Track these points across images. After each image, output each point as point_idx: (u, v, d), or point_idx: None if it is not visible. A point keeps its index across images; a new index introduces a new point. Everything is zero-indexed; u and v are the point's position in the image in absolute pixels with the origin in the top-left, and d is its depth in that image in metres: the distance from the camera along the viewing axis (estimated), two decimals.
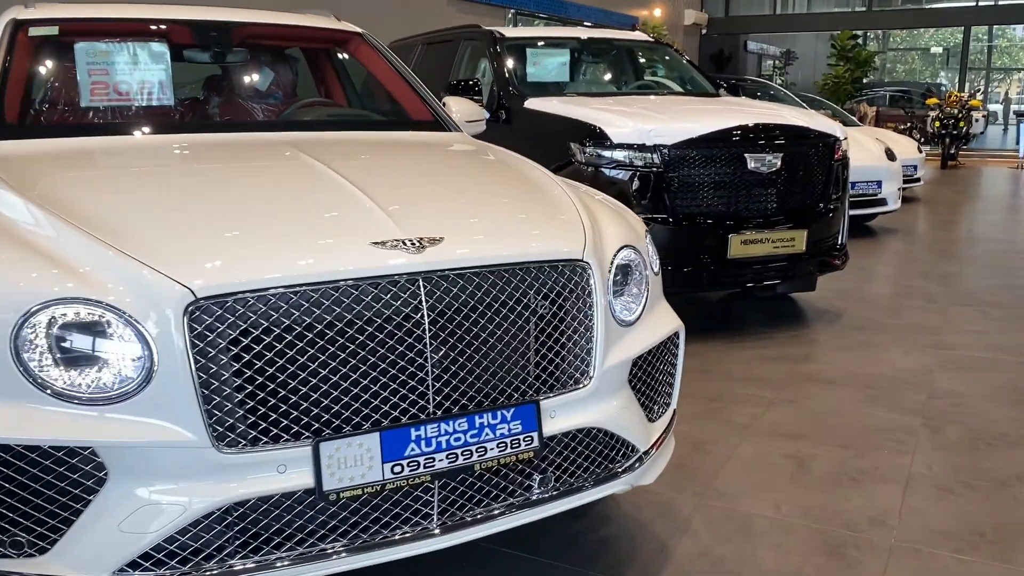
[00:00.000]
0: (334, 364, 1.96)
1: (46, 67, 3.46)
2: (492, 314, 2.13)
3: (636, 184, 4.93)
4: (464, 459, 2.05)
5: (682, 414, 4.03)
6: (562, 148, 5.17)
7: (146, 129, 3.09)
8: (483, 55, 6.59)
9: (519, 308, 2.17)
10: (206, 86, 4.03)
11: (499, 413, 2.11)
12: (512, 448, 2.12)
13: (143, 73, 3.43)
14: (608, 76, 7.40)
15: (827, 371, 4.69)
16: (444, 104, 3.89)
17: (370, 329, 1.98)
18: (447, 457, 2.03)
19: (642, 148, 4.93)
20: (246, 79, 4.09)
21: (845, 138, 5.52)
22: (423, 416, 2.04)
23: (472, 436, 2.07)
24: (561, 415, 2.25)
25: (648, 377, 2.59)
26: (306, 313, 1.92)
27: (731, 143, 5.00)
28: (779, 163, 5.10)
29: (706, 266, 5.04)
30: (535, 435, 2.15)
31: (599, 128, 5.02)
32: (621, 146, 4.97)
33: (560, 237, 2.30)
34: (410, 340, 2.02)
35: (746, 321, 5.73)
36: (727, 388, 4.40)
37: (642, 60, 7.50)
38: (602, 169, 4.99)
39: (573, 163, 5.07)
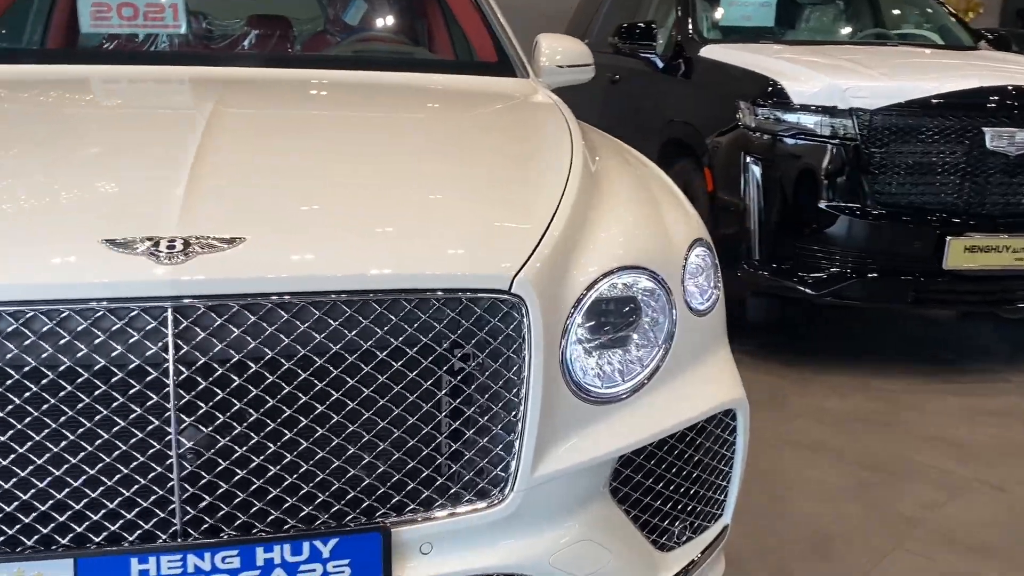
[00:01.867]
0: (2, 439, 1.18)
1: None
2: (312, 374, 1.25)
3: (823, 161, 3.71)
4: None
5: (824, 484, 2.88)
6: (733, 108, 4.02)
7: (105, 59, 2.48)
8: None
9: (367, 366, 1.27)
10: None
11: (306, 544, 1.24)
12: None
13: None
14: (838, 23, 5.98)
15: None
16: (535, 44, 2.95)
17: (69, 387, 1.18)
18: None
19: (833, 112, 3.69)
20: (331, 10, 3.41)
21: None
22: (163, 539, 1.22)
23: None
24: (443, 551, 1.33)
25: (663, 481, 1.59)
26: None
27: (963, 111, 3.62)
28: None
29: (912, 277, 3.73)
30: None
31: (777, 83, 3.82)
32: (805, 108, 3.75)
33: (474, 251, 1.36)
34: (142, 411, 1.20)
35: (968, 352, 4.29)
36: (904, 452, 3.15)
37: (887, 5, 5.98)
38: (780, 138, 3.81)
39: (739, 128, 3.92)
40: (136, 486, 1.21)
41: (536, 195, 1.55)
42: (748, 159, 3.87)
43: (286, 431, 1.25)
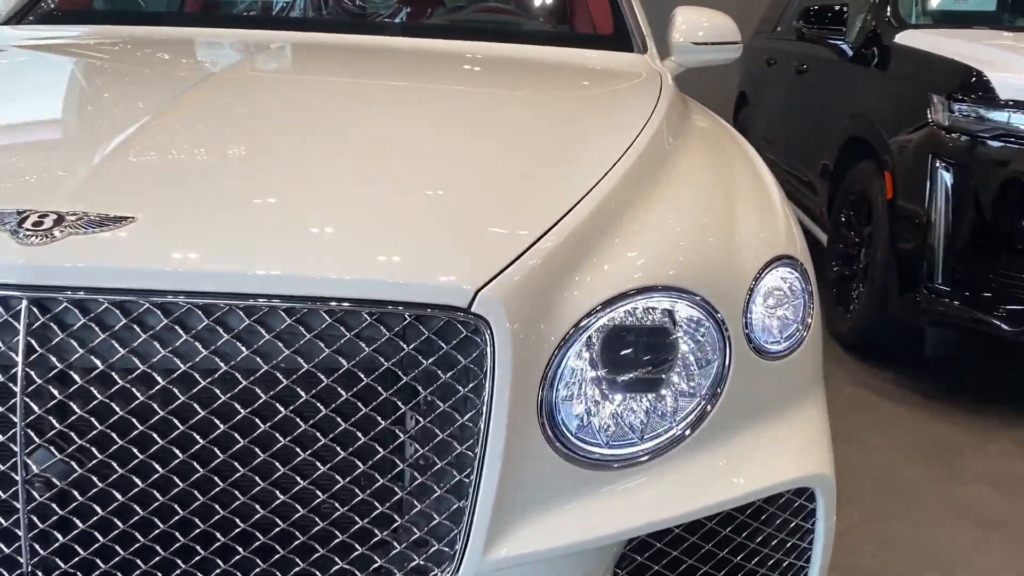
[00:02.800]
0: None
1: None
2: (193, 397, 0.98)
3: None
4: None
5: (999, 573, 2.30)
6: (924, 103, 3.40)
7: (197, 22, 2.34)
8: None
9: (266, 393, 0.98)
10: None
11: None
12: None
13: None
14: None
15: None
16: (672, 17, 2.56)
17: None
18: None
19: None
20: None
21: None
22: None
23: None
24: None
25: (698, 575, 1.19)
26: None
27: None
28: None
29: None
30: None
31: (980, 73, 3.17)
32: (1015, 105, 3.09)
33: (430, 256, 1.03)
34: None
35: None
36: None
37: None
38: (980, 140, 3.16)
39: (930, 126, 3.30)
40: None
41: (551, 193, 1.19)
42: (938, 163, 3.24)
43: (158, 466, 0.98)
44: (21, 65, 1.77)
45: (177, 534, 0.99)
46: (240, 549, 1.00)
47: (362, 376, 0.99)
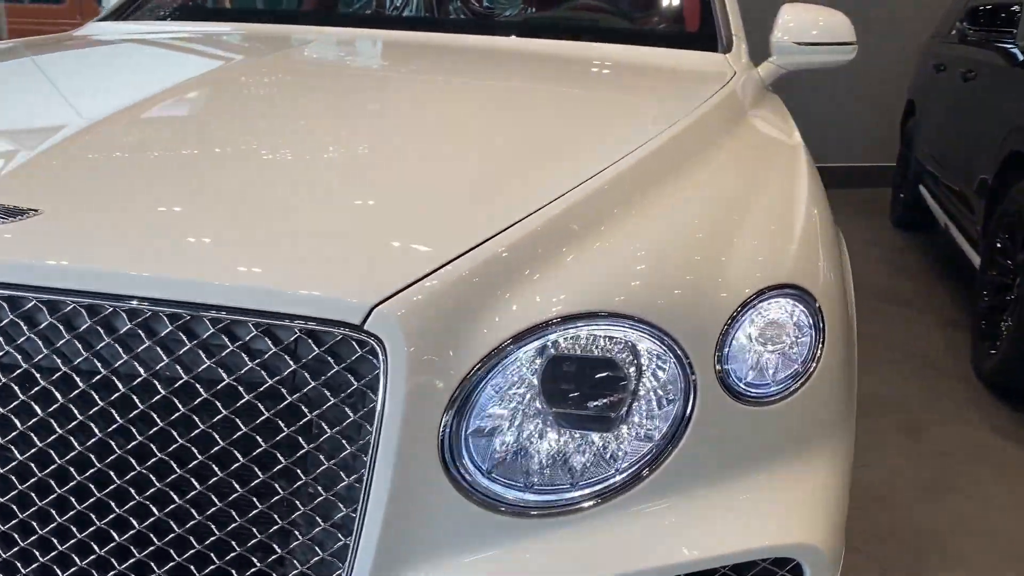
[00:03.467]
0: None
1: None
2: (75, 398, 0.93)
3: None
4: None
5: None
6: None
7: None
8: None
9: (144, 403, 0.92)
10: None
11: None
12: None
13: None
14: None
15: None
16: (777, 14, 2.35)
17: None
18: None
19: None
20: None
21: None
22: None
23: None
24: None
25: None
26: None
27: None
28: None
29: None
30: None
31: None
32: None
33: (333, 265, 0.94)
34: None
35: None
36: None
37: None
38: None
39: None
40: None
41: (505, 202, 1.07)
42: None
43: (36, 468, 0.94)
44: (58, 58, 1.82)
45: (55, 541, 0.95)
46: (116, 564, 0.95)
47: (243, 392, 0.91)
